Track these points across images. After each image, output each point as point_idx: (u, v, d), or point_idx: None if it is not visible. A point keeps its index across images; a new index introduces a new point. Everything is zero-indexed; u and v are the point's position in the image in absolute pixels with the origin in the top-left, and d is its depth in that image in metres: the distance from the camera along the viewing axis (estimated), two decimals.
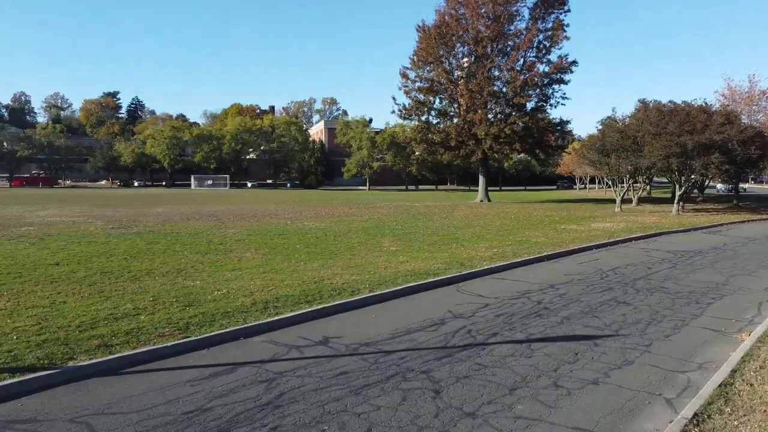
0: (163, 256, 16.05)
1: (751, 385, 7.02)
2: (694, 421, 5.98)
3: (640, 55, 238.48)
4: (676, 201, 36.33)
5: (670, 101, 38.09)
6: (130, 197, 55.07)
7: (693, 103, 36.61)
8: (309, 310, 10.36)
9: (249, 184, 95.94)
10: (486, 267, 14.94)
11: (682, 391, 7.04)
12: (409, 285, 12.56)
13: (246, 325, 9.28)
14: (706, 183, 50.43)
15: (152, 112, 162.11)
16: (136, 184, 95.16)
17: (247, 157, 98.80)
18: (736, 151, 33.00)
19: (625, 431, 5.99)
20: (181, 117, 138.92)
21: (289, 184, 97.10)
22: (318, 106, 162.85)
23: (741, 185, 56.11)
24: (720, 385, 6.93)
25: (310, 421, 6.10)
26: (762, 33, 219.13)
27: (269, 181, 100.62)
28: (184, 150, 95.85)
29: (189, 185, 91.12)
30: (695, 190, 48.44)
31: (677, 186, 36.64)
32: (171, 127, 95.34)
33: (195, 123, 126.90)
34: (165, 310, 10.05)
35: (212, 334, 8.81)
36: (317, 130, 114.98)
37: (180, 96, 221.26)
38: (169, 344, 8.28)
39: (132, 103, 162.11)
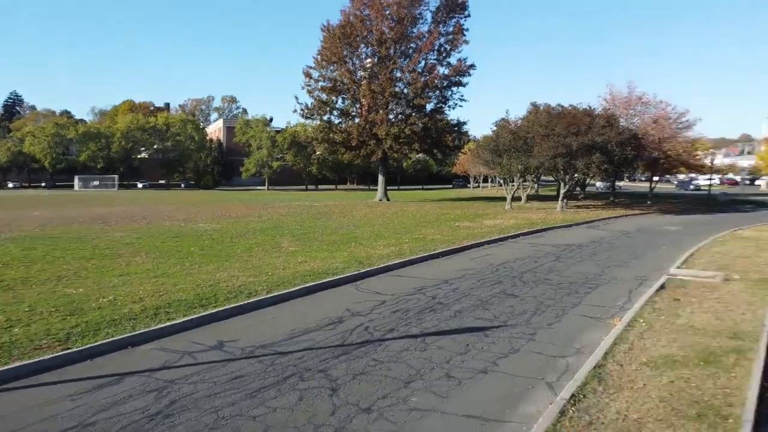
0: (41, 263, 14.87)
1: (620, 365, 7.68)
2: (572, 401, 6.47)
3: (535, 59, 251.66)
4: (560, 198, 38.78)
5: (559, 104, 40.54)
6: (3, 199, 50.45)
7: (579, 106, 39.22)
8: (203, 314, 10.05)
9: (140, 185, 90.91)
10: (384, 265, 15.21)
11: (562, 374, 7.58)
12: (307, 285, 12.53)
13: (134, 333, 8.84)
14: (587, 181, 54.19)
15: (32, 108, 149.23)
16: (10, 185, 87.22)
17: (139, 156, 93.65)
18: (614, 151, 35.65)
19: (511, 416, 6.36)
20: (66, 114, 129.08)
21: (183, 185, 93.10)
22: (217, 104, 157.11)
23: (617, 183, 60.82)
24: (594, 367, 7.53)
25: (203, 428, 5.95)
26: (644, 40, 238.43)
27: (162, 182, 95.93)
28: (68, 149, 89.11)
29: (72, 186, 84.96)
30: (578, 188, 51.96)
31: (562, 184, 39.09)
32: (54, 124, 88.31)
33: (82, 120, 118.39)
34: (43, 321, 9.34)
35: (97, 344, 8.32)
36: (215, 129, 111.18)
37: (66, 92, 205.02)
38: (47, 357, 7.72)
39: (9, 98, 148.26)
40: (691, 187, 76.05)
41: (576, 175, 39.27)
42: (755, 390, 6.67)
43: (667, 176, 65.13)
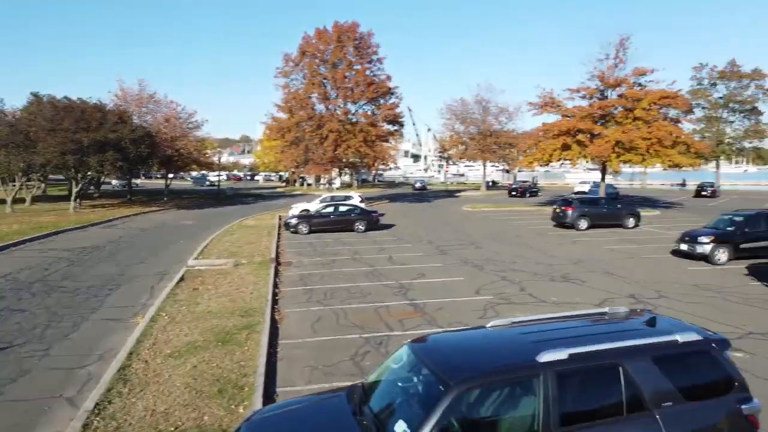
0: None
1: (146, 362, 7.71)
2: (96, 411, 6.14)
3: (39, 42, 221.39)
4: (73, 198, 35.88)
5: (65, 97, 37.07)
6: None
7: (89, 100, 36.82)
8: None
9: None
10: None
11: (84, 385, 7.11)
12: None
13: None
14: (102, 179, 51.77)
15: None
16: None
17: None
18: (129, 149, 35.11)
19: None
20: None
21: None
22: None
23: (134, 181, 60.10)
24: (119, 370, 7.33)
25: None
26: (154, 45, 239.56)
27: None
28: None
29: None
30: (92, 187, 49.05)
31: (74, 183, 36.25)
32: None
33: None
34: None
35: None
36: None
37: None
38: None
39: None
40: (207, 183, 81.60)
41: (89, 173, 37.13)
42: (264, 358, 7.77)
43: (182, 173, 67.97)
